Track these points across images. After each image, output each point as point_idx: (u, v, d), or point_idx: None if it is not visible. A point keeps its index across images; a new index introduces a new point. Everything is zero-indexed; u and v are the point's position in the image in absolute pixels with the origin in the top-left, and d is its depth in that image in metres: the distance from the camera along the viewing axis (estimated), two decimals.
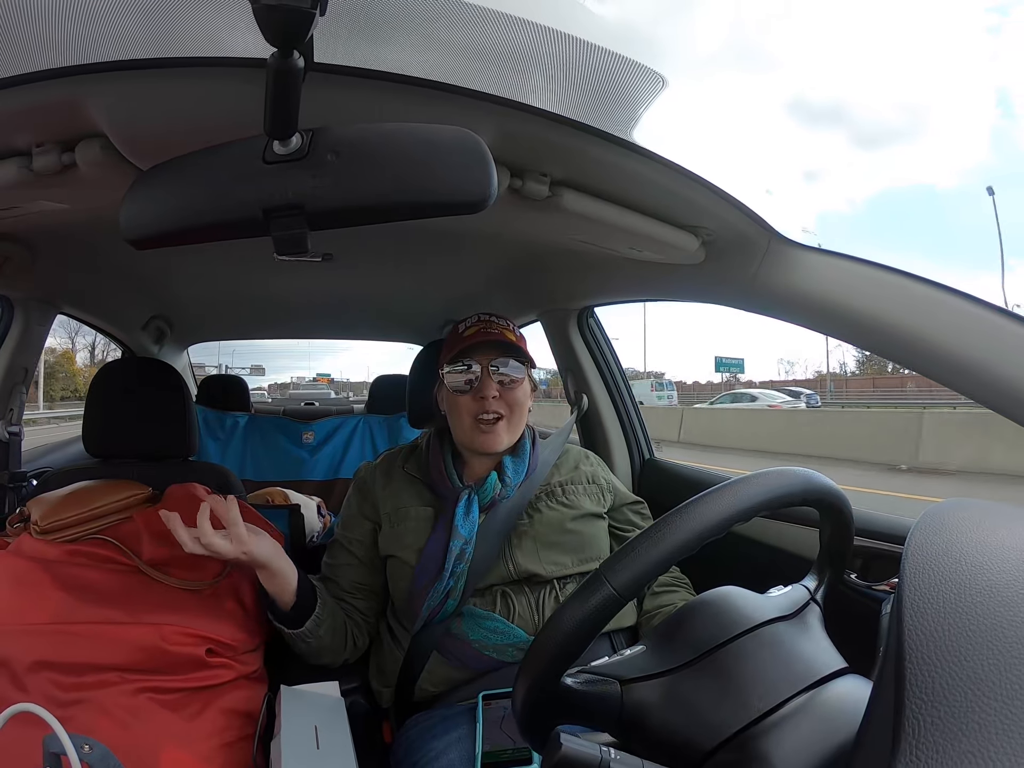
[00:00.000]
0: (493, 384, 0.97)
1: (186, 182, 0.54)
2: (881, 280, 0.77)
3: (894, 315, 0.74)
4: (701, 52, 11.39)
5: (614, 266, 1.16)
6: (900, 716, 0.32)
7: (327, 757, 0.75)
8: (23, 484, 1.29)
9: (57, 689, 0.75)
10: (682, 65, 0.63)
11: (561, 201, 0.80)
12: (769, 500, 0.53)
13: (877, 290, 0.76)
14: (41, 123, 0.64)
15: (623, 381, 1.61)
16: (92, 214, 0.80)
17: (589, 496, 1.05)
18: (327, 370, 63.44)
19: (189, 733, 0.78)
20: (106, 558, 0.90)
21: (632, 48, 0.59)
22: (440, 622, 0.94)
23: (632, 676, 0.52)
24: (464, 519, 0.95)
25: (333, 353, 76.56)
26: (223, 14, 0.52)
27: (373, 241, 1.22)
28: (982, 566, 0.39)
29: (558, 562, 0.96)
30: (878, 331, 0.77)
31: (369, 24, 0.54)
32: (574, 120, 0.66)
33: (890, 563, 0.86)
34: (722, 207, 0.82)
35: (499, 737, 0.81)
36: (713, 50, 26.40)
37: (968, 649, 0.34)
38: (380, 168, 0.52)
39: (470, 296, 1.75)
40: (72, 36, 0.53)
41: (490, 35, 0.56)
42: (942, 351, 0.70)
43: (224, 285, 1.69)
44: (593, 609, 0.48)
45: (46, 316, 1.38)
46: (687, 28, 25.45)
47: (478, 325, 1.01)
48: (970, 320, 0.69)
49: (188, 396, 1.20)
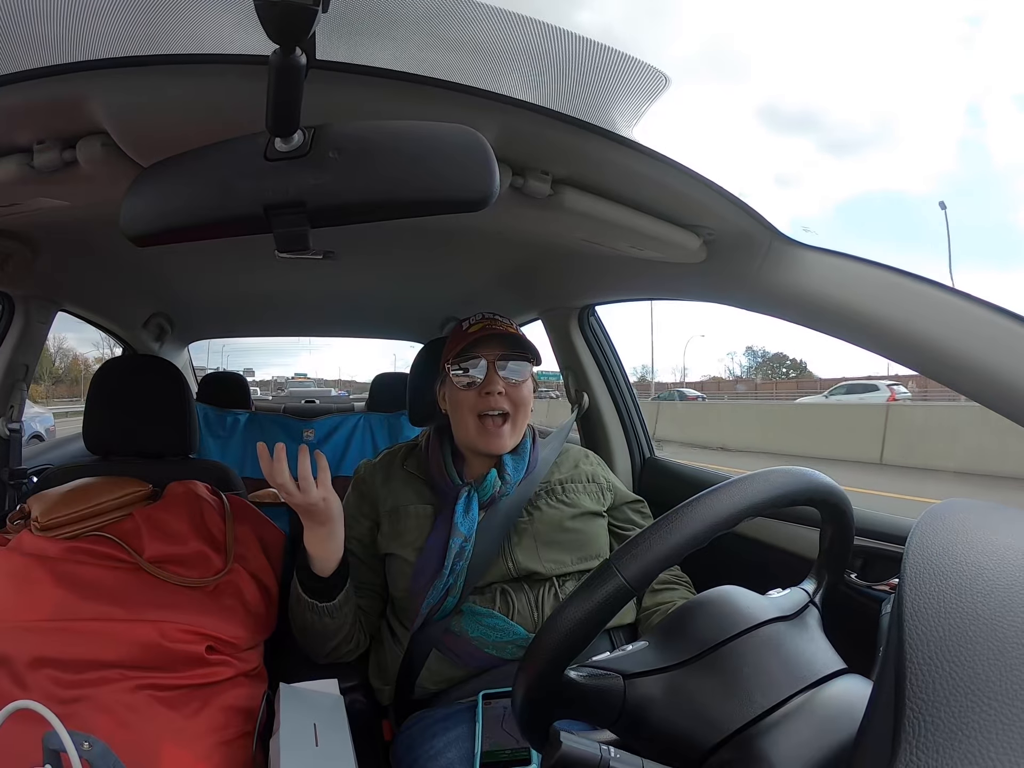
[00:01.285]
0: (499, 380, 0.97)
1: (187, 179, 0.54)
2: (883, 280, 0.76)
3: (896, 315, 0.74)
4: (675, 58, 11.35)
5: (615, 265, 1.15)
6: (900, 716, 0.32)
7: (326, 755, 0.75)
8: (23, 481, 1.29)
9: (57, 686, 0.75)
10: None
11: (563, 199, 0.80)
12: (779, 496, 0.53)
13: (879, 290, 0.76)
14: (42, 120, 0.64)
15: (624, 380, 1.60)
16: (93, 211, 0.80)
17: (589, 495, 1.05)
18: (303, 368, 64.40)
19: (188, 730, 0.78)
20: (106, 555, 0.90)
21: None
22: (440, 620, 0.94)
23: (635, 671, 0.51)
24: (464, 517, 0.95)
25: (309, 351, 77.53)
26: (225, 11, 0.52)
27: (374, 239, 1.22)
28: (983, 567, 0.39)
29: (557, 560, 0.97)
30: (879, 331, 0.77)
31: (372, 21, 0.54)
32: (576, 118, 0.66)
33: (890, 563, 0.86)
34: (724, 206, 0.82)
35: (499, 736, 0.81)
36: (687, 54, 26.12)
37: (968, 650, 0.34)
38: (382, 166, 0.52)
39: (471, 294, 1.74)
40: (73, 33, 0.52)
41: (492, 33, 0.56)
42: (943, 351, 0.70)
43: (225, 282, 1.69)
44: (603, 599, 0.48)
45: (47, 313, 1.38)
46: (659, 36, 25.34)
47: (483, 322, 1.01)
48: (971, 320, 0.69)
49: (189, 394, 1.20)
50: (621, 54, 0.59)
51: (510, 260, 1.40)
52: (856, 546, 0.82)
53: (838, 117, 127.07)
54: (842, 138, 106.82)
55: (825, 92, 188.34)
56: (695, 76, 30.67)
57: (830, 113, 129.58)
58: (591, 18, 24.54)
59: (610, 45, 0.58)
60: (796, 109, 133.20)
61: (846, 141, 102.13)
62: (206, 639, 0.85)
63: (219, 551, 0.98)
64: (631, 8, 26.79)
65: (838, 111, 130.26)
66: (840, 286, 0.80)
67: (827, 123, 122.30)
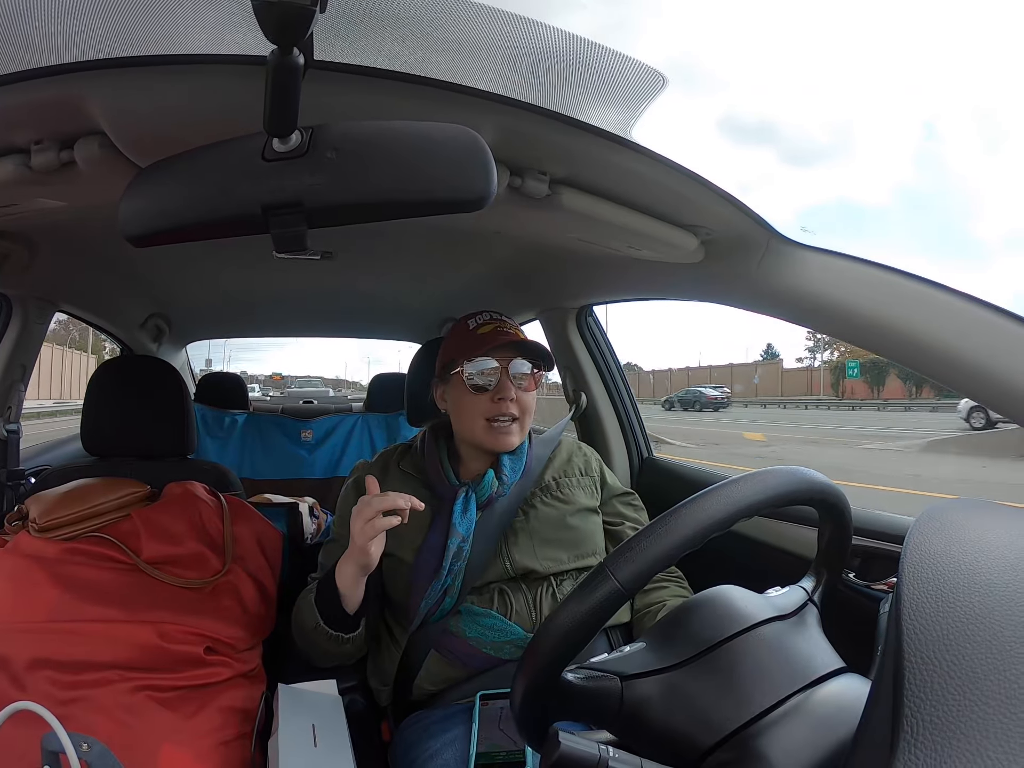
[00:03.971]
0: (512, 386, 0.97)
1: (185, 179, 0.54)
2: (881, 279, 0.77)
3: (893, 314, 0.75)
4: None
5: (613, 265, 1.16)
6: (898, 715, 0.33)
7: (325, 755, 0.75)
8: (21, 482, 1.29)
9: (55, 687, 0.75)
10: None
11: (560, 200, 0.80)
12: (774, 497, 0.53)
13: (877, 289, 0.76)
14: (40, 120, 0.63)
15: (622, 380, 1.61)
16: (91, 212, 0.80)
17: (583, 489, 1.05)
18: (278, 367, 65.33)
19: (187, 731, 0.78)
20: (104, 556, 0.90)
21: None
22: (438, 620, 0.94)
23: (632, 672, 0.51)
24: (462, 517, 0.95)
25: (279, 346, 77.97)
26: (223, 11, 0.52)
27: (372, 239, 1.22)
28: (981, 565, 0.40)
29: (554, 558, 0.97)
30: (877, 330, 0.77)
31: (370, 21, 0.54)
32: (574, 119, 0.66)
33: (888, 562, 0.86)
34: (721, 206, 0.82)
35: (496, 737, 0.81)
36: (654, 63, 26.70)
37: (967, 648, 0.34)
38: (380, 166, 0.52)
39: (469, 294, 1.74)
40: (71, 33, 0.52)
41: (490, 33, 0.56)
42: (941, 350, 0.70)
43: (223, 283, 1.69)
44: (597, 603, 0.48)
45: (44, 314, 1.38)
46: (624, 48, 25.65)
47: (493, 324, 1.00)
48: (970, 319, 0.69)
49: (186, 394, 1.20)
50: (619, 54, 0.59)
51: (508, 260, 1.40)
52: (854, 545, 0.82)
53: (796, 130, 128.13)
54: (801, 150, 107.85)
55: (785, 106, 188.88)
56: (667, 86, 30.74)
57: (789, 126, 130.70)
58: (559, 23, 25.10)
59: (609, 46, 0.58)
60: (756, 121, 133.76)
61: (805, 152, 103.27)
62: (204, 640, 0.85)
63: (217, 552, 0.98)
64: (595, 23, 26.92)
65: (797, 124, 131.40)
66: (838, 286, 0.80)
67: (786, 135, 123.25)
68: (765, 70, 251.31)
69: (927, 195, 78.68)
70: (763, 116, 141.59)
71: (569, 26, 0.55)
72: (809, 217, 22.99)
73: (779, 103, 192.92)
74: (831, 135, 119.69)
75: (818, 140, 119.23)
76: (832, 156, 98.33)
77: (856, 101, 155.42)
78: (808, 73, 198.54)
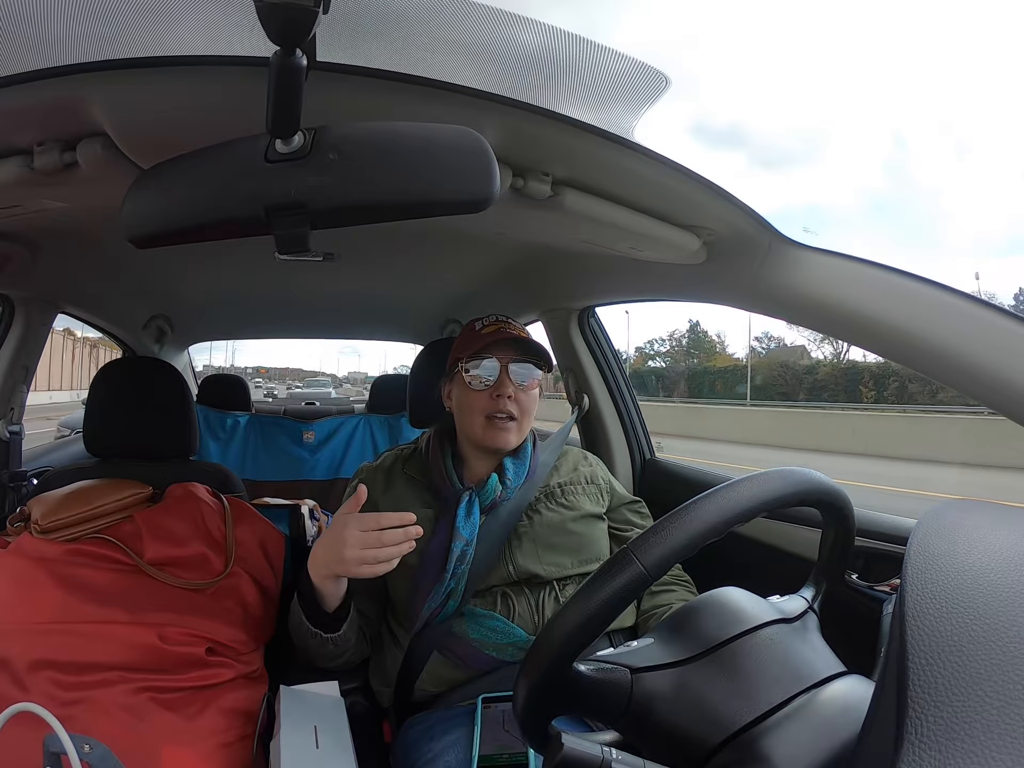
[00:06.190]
0: (511, 383, 0.98)
1: (188, 181, 0.54)
2: (882, 280, 0.77)
3: (895, 315, 0.74)
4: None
5: (615, 266, 1.15)
6: (902, 716, 0.32)
7: (327, 757, 0.75)
8: (23, 483, 1.29)
9: (57, 688, 0.75)
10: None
11: (563, 201, 0.80)
12: (791, 495, 0.53)
13: (878, 290, 0.76)
14: (42, 122, 0.64)
15: (624, 381, 1.60)
16: (93, 213, 0.80)
17: (588, 497, 1.05)
18: (260, 361, 65.72)
19: (189, 732, 0.78)
20: (107, 557, 0.90)
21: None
22: (440, 623, 0.93)
23: (643, 665, 0.51)
24: (466, 520, 0.95)
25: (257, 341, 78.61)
26: (226, 12, 0.52)
27: (375, 240, 1.22)
28: (984, 567, 0.39)
29: (558, 563, 0.97)
30: (879, 331, 0.77)
31: (372, 23, 0.54)
32: (576, 120, 0.66)
33: (891, 564, 0.85)
34: (723, 207, 0.82)
35: (498, 739, 0.80)
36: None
37: (971, 650, 0.34)
38: (382, 167, 0.52)
39: (471, 295, 1.74)
40: (74, 34, 0.53)
41: (493, 34, 0.57)
42: (943, 351, 0.70)
43: (225, 284, 1.69)
44: (621, 586, 0.48)
45: (47, 315, 1.38)
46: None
47: (497, 324, 1.01)
48: (970, 320, 0.69)
49: (189, 395, 1.20)
50: (621, 55, 0.59)
51: (510, 262, 1.40)
52: (857, 547, 0.82)
53: (766, 137, 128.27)
54: (771, 155, 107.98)
55: (756, 112, 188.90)
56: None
57: (760, 133, 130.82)
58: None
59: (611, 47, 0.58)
60: (726, 126, 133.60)
61: (775, 158, 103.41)
62: (206, 641, 0.85)
63: (219, 553, 0.98)
64: (569, 26, 27.04)
65: (767, 131, 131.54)
66: (840, 286, 0.80)
67: (757, 141, 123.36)
68: (738, 76, 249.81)
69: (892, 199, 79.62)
70: (735, 122, 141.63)
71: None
72: (777, 217, 23.10)
73: (749, 109, 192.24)
74: (800, 141, 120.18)
75: (788, 146, 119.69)
76: (802, 162, 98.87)
77: (827, 108, 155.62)
78: (781, 79, 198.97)
